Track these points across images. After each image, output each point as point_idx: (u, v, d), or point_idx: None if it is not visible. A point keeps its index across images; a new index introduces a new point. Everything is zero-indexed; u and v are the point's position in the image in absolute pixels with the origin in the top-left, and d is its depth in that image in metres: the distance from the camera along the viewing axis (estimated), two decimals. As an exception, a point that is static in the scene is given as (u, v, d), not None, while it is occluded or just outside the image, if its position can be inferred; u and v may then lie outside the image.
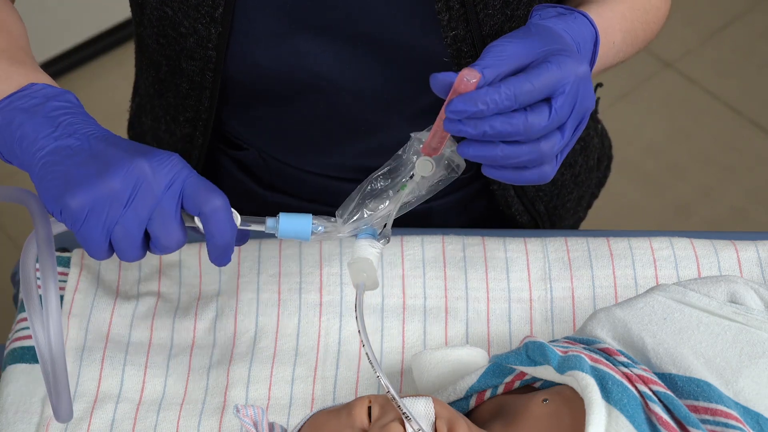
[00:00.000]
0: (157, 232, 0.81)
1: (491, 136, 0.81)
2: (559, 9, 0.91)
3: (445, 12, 0.95)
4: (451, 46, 0.97)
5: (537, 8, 0.91)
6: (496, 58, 0.82)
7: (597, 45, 0.92)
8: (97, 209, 0.79)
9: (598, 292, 1.08)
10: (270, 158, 1.16)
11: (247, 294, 1.09)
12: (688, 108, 2.53)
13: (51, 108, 0.84)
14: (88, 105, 0.94)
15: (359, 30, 0.98)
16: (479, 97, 0.80)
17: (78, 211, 0.79)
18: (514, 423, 0.90)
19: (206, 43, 0.99)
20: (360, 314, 0.88)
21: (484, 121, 0.80)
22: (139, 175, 0.80)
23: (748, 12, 2.71)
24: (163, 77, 1.09)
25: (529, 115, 0.81)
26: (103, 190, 0.79)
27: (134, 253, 0.82)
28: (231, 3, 0.96)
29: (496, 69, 0.81)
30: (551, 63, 0.81)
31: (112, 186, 0.80)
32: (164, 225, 0.81)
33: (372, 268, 0.91)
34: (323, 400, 1.02)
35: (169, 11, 0.99)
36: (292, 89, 1.05)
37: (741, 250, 1.10)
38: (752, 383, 0.89)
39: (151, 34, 1.05)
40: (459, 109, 0.80)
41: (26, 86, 0.86)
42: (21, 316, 1.08)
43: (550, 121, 0.81)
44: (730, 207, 2.35)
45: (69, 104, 0.85)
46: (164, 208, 0.81)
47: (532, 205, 1.19)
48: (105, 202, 0.79)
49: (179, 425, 1.00)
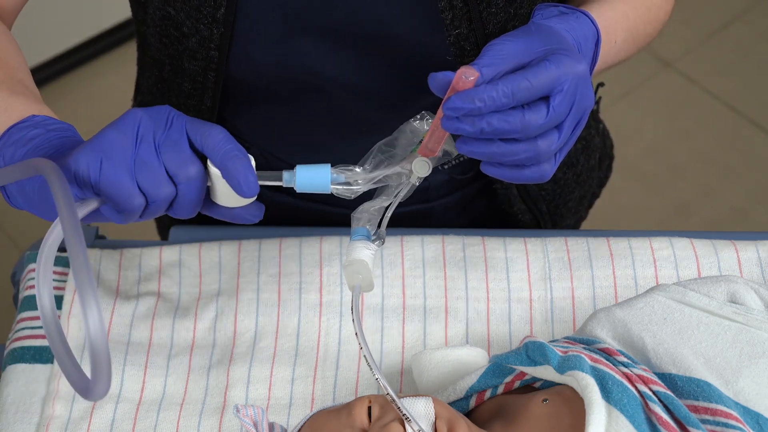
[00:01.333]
0: (173, 166, 0.78)
1: (489, 134, 0.81)
2: (561, 8, 0.91)
3: (448, 11, 0.95)
4: (455, 44, 0.97)
5: (539, 7, 0.91)
6: (495, 57, 0.82)
7: (598, 44, 0.92)
8: (109, 154, 0.77)
9: (598, 292, 1.08)
10: (272, 157, 1.16)
11: (247, 294, 1.09)
12: (688, 108, 2.53)
13: (50, 138, 0.83)
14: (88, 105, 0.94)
15: (361, 29, 0.98)
16: (477, 94, 0.80)
17: (92, 162, 0.76)
18: (514, 423, 0.90)
19: (208, 44, 0.99)
20: (356, 316, 0.88)
21: (482, 118, 0.81)
22: (137, 118, 0.79)
23: (748, 12, 2.71)
24: (166, 76, 1.09)
25: (527, 113, 0.81)
26: (110, 137, 0.78)
27: (165, 186, 0.78)
28: (233, 4, 0.96)
29: (495, 67, 0.81)
30: (550, 62, 0.81)
31: (115, 132, 0.78)
32: (176, 155, 0.79)
33: (367, 269, 0.90)
34: (323, 400, 1.02)
35: (172, 11, 0.99)
36: (293, 89, 1.05)
37: (741, 250, 1.10)
38: (752, 383, 0.89)
39: (153, 33, 1.05)
40: (456, 106, 0.80)
41: (27, 118, 0.84)
42: (21, 316, 1.08)
43: (547, 119, 0.81)
44: (730, 207, 2.35)
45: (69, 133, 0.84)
46: (172, 139, 0.79)
47: (534, 204, 1.19)
48: (115, 146, 0.77)
49: (179, 425, 1.00)
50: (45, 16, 2.41)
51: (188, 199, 0.80)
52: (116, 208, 0.78)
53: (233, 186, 0.80)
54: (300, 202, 1.19)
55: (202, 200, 0.81)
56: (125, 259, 1.13)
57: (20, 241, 2.31)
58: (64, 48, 2.56)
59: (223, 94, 1.07)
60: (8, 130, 0.84)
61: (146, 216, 0.80)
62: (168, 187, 0.78)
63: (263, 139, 1.15)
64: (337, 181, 0.86)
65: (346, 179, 0.86)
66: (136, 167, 0.77)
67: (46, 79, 2.53)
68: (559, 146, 0.84)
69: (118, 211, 0.79)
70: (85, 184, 0.77)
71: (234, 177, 0.79)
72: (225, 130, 0.80)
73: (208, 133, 0.80)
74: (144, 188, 0.78)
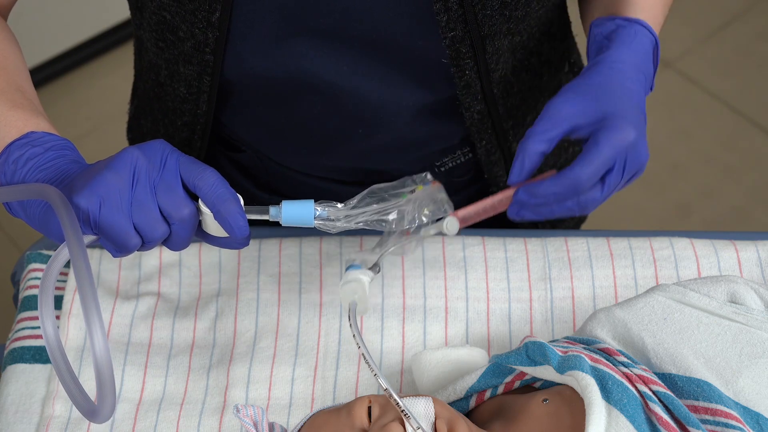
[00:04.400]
0: (167, 208, 0.83)
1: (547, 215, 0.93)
2: (618, 21, 0.97)
3: (443, 13, 0.95)
4: (450, 47, 0.97)
5: (595, 23, 0.98)
6: (550, 122, 0.90)
7: (657, 51, 0.98)
8: (107, 197, 0.81)
9: (598, 292, 1.08)
10: (268, 160, 1.16)
11: (247, 294, 1.09)
12: (688, 108, 2.53)
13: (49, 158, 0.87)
14: (88, 105, 0.95)
15: (357, 32, 0.98)
16: (541, 191, 0.90)
17: (91, 205, 0.81)
18: (514, 423, 0.90)
19: (204, 48, 0.99)
20: (355, 327, 0.91)
21: (545, 208, 0.91)
22: (133, 159, 0.83)
23: (748, 12, 2.71)
24: (161, 81, 1.09)
25: (582, 197, 0.90)
26: (108, 180, 0.82)
27: (159, 226, 0.83)
28: (228, 7, 0.96)
29: (550, 133, 0.90)
30: (601, 145, 0.89)
31: (113, 175, 0.82)
32: (171, 197, 0.83)
33: (363, 289, 0.95)
34: (323, 400, 1.02)
35: (167, 15, 0.99)
36: (289, 92, 1.05)
37: (741, 250, 1.10)
38: (752, 383, 0.89)
39: (150, 38, 1.05)
40: (523, 200, 0.92)
41: (26, 134, 0.88)
42: (21, 316, 1.08)
43: (602, 195, 0.91)
44: (730, 207, 2.35)
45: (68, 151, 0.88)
46: (166, 181, 0.84)
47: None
48: (113, 189, 0.81)
49: (179, 425, 1.00)
50: (45, 16, 2.41)
51: (181, 237, 0.86)
52: (114, 247, 0.84)
53: (225, 229, 0.86)
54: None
55: (193, 235, 0.87)
56: (125, 259, 1.13)
57: (20, 241, 2.31)
58: (64, 48, 2.56)
59: (218, 97, 1.07)
60: (7, 148, 0.88)
61: (141, 250, 0.86)
62: (162, 227, 0.84)
63: (258, 141, 1.15)
64: (321, 216, 0.91)
65: (328, 215, 0.91)
66: (133, 210, 0.83)
67: (46, 79, 2.53)
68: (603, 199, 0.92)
69: (116, 250, 0.84)
70: (84, 223, 0.82)
71: (226, 221, 0.85)
72: (216, 171, 0.86)
73: (201, 176, 0.85)
74: (140, 229, 0.83)
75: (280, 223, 0.90)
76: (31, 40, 2.40)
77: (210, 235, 0.88)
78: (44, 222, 0.84)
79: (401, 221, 0.95)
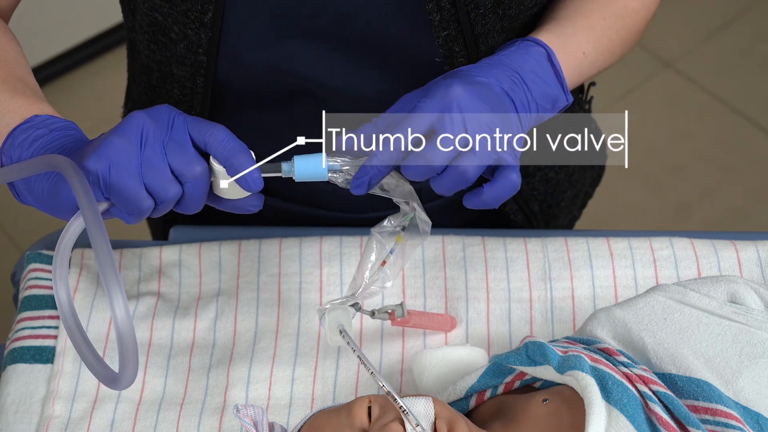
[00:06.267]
0: (178, 166, 0.83)
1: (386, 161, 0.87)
2: (518, 41, 0.95)
3: (436, 12, 0.95)
4: (443, 46, 0.97)
5: (502, 47, 0.96)
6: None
7: (552, 59, 0.94)
8: (117, 160, 0.81)
9: (598, 292, 1.08)
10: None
11: (247, 294, 1.09)
12: (688, 108, 2.53)
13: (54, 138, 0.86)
14: (88, 105, 0.95)
15: (350, 32, 0.98)
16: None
17: (100, 167, 0.80)
18: (514, 423, 0.90)
19: (196, 48, 0.99)
20: (348, 336, 0.92)
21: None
22: (140, 122, 0.82)
23: (748, 12, 2.71)
24: (155, 83, 1.09)
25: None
26: (116, 144, 0.81)
27: (172, 186, 0.82)
28: (220, 8, 0.96)
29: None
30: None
31: (121, 139, 0.81)
32: (181, 156, 0.83)
33: (347, 315, 0.95)
34: (323, 400, 1.02)
35: (159, 17, 0.99)
36: (283, 93, 1.05)
37: (741, 250, 1.10)
38: (752, 383, 0.89)
39: (142, 40, 1.05)
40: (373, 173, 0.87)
41: (29, 118, 0.87)
42: (21, 316, 1.08)
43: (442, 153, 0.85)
44: (730, 207, 2.35)
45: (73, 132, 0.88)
46: (176, 140, 0.83)
47: (526, 204, 1.20)
48: (122, 152, 0.81)
49: (179, 425, 1.00)
50: (45, 16, 2.41)
51: (195, 196, 0.84)
52: (127, 210, 0.82)
53: (239, 183, 0.84)
54: (293, 206, 1.19)
55: (206, 195, 0.85)
56: (125, 259, 1.13)
57: (20, 241, 2.31)
58: (64, 48, 2.56)
59: (212, 99, 1.07)
60: (12, 132, 0.87)
61: (155, 215, 0.84)
62: (175, 187, 0.82)
63: (253, 143, 1.14)
64: (333, 168, 0.89)
65: (341, 166, 0.89)
66: (143, 171, 0.81)
67: (46, 79, 2.53)
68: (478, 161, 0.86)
69: (128, 213, 0.82)
70: (95, 185, 0.81)
71: (239, 173, 0.83)
72: (225, 128, 0.84)
73: (210, 132, 0.84)
74: (152, 190, 0.82)
75: (293, 179, 0.88)
76: (31, 40, 2.39)
77: (222, 199, 0.87)
78: (54, 195, 0.83)
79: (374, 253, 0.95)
